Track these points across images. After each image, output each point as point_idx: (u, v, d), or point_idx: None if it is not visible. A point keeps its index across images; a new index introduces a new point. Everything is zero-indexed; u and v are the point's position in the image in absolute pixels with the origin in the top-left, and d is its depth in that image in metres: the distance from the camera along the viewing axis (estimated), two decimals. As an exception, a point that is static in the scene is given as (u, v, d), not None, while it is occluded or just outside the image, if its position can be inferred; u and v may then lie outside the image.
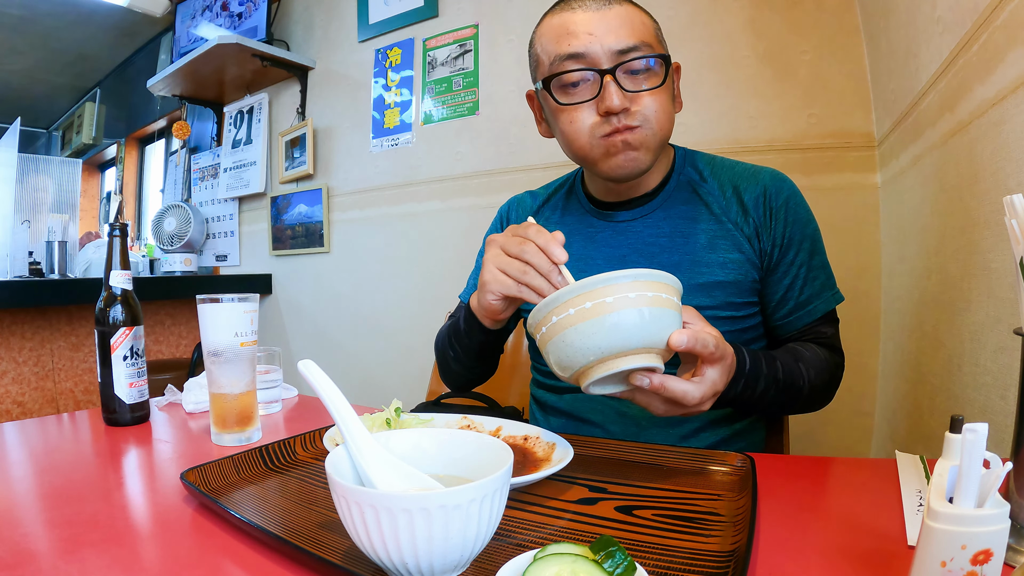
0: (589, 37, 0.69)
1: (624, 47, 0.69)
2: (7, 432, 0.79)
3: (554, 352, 0.53)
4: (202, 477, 0.56)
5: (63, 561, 0.42)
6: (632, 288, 0.50)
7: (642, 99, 0.70)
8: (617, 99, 0.68)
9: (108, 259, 0.81)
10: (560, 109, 0.73)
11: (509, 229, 0.62)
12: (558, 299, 0.51)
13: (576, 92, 0.71)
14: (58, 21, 2.96)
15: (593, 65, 0.69)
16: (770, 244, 0.75)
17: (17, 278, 2.23)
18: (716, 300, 0.75)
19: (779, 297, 0.76)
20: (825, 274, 0.77)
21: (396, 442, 0.47)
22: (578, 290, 0.50)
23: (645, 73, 0.70)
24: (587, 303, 0.50)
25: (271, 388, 0.91)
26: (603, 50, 0.69)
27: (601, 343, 0.50)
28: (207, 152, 2.73)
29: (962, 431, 0.32)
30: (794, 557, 0.42)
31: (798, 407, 0.74)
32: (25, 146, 3.76)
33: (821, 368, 0.73)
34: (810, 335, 0.77)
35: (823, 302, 0.76)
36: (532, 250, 0.58)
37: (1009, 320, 0.67)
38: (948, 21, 0.82)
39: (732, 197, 0.78)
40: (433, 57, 1.91)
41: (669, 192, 0.80)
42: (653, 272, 0.51)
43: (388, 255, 2.05)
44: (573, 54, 0.70)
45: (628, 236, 0.80)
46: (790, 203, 0.76)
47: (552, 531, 0.46)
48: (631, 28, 0.69)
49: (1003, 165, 0.68)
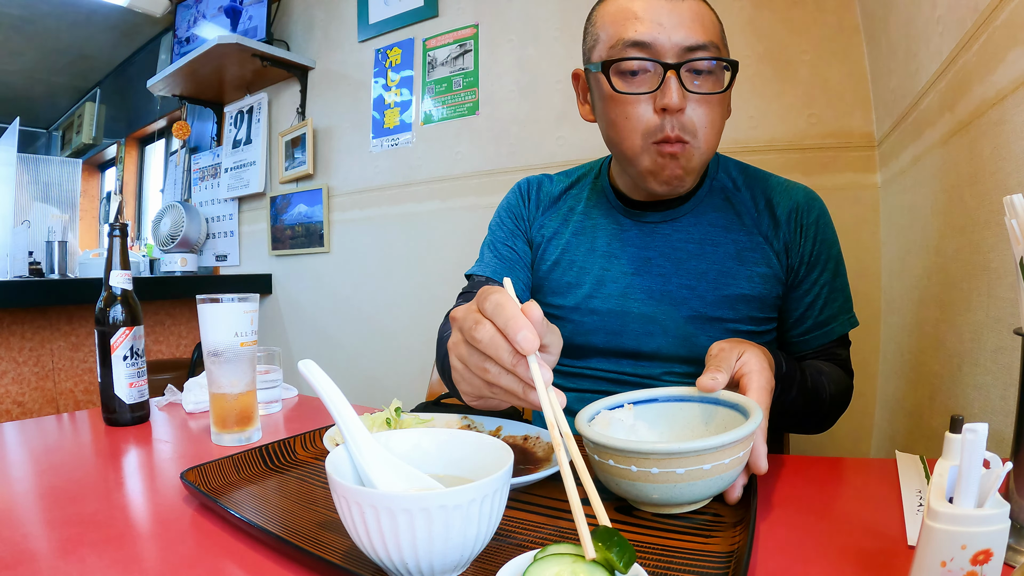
0: (658, 27, 0.65)
1: (693, 44, 0.65)
2: (7, 432, 0.79)
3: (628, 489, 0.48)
4: (202, 477, 0.56)
5: (63, 561, 0.42)
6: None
7: (700, 106, 0.67)
8: (676, 97, 0.64)
9: (108, 259, 0.81)
10: (614, 97, 0.68)
11: (474, 301, 0.46)
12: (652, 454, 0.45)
13: (634, 82, 0.67)
14: (58, 21, 2.96)
15: (658, 56, 0.65)
16: (798, 261, 0.75)
17: (17, 278, 2.23)
18: (739, 313, 0.74)
19: (799, 314, 0.76)
20: (844, 296, 0.77)
21: (396, 442, 0.47)
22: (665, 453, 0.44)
23: (708, 76, 0.67)
24: (679, 469, 0.45)
25: (271, 388, 0.91)
26: (670, 43, 0.65)
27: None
28: (207, 152, 2.73)
29: (962, 431, 0.32)
30: (794, 557, 0.42)
31: (814, 421, 0.73)
32: (25, 146, 3.76)
33: (839, 385, 0.73)
34: (824, 355, 0.77)
35: (840, 324, 0.76)
36: (489, 336, 0.42)
37: (1009, 320, 0.67)
38: (948, 21, 0.82)
39: (764, 210, 0.76)
40: (433, 57, 1.91)
41: (701, 198, 0.78)
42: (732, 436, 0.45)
43: (388, 255, 2.05)
44: (638, 42, 0.65)
45: (656, 239, 0.78)
46: (820, 222, 0.75)
47: (552, 531, 0.46)
48: (702, 25, 0.66)
49: (1003, 165, 0.68)
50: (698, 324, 0.75)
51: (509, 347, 0.41)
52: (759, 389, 0.53)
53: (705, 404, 0.55)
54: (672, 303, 0.76)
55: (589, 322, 0.79)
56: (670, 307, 0.75)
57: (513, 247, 0.86)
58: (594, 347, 0.80)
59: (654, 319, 0.76)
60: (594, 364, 0.81)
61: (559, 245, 0.84)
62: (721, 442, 0.44)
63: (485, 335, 0.42)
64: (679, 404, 0.57)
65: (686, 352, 0.75)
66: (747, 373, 0.54)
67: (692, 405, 0.56)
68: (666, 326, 0.76)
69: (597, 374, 0.80)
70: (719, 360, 0.55)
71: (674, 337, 0.76)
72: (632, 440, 0.49)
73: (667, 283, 0.76)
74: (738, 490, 0.49)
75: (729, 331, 0.74)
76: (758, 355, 0.56)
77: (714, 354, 0.56)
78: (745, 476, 0.50)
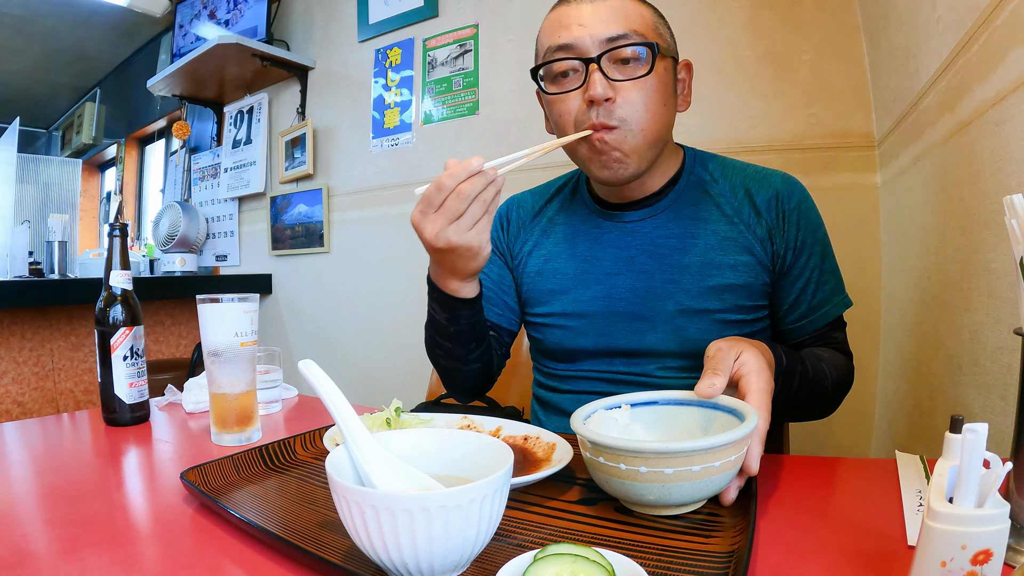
0: (579, 28, 0.69)
1: (612, 35, 0.68)
2: (7, 432, 0.79)
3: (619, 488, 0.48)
4: (202, 477, 0.56)
5: (63, 561, 0.42)
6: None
7: (629, 92, 0.68)
8: (600, 88, 0.67)
9: (108, 259, 0.81)
10: (550, 100, 0.73)
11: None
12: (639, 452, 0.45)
13: (565, 83, 0.71)
14: (58, 21, 2.96)
15: (580, 55, 0.69)
16: (783, 247, 0.75)
17: (17, 278, 2.24)
18: (726, 303, 0.74)
19: (792, 301, 0.76)
20: (835, 279, 0.77)
21: (396, 442, 0.47)
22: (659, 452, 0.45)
23: (635, 63, 0.69)
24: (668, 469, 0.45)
25: (271, 388, 0.91)
26: (592, 40, 0.68)
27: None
28: (207, 152, 2.73)
29: (962, 431, 0.32)
30: (794, 557, 0.42)
31: (819, 409, 0.74)
32: (25, 146, 3.76)
33: (840, 369, 0.73)
34: (822, 340, 0.77)
35: (834, 306, 0.76)
36: (448, 186, 0.58)
37: (1009, 320, 0.67)
38: (948, 21, 0.82)
39: (744, 199, 0.77)
40: (433, 57, 1.91)
41: (679, 192, 0.79)
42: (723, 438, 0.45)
43: (388, 255, 2.05)
44: (563, 45, 0.69)
45: (636, 237, 0.79)
46: (802, 206, 0.75)
47: (552, 531, 0.46)
48: (623, 17, 0.69)
49: (1003, 165, 0.68)
50: (686, 317, 0.75)
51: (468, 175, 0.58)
52: (758, 391, 0.53)
53: (704, 409, 0.55)
54: (657, 299, 0.76)
55: (577, 326, 0.80)
56: (656, 303, 0.76)
57: (488, 274, 0.88)
58: (585, 350, 0.80)
59: (641, 316, 0.77)
60: (587, 366, 0.81)
61: (540, 256, 0.85)
62: (710, 444, 0.44)
63: (447, 185, 0.58)
64: (679, 408, 0.57)
65: (677, 346, 0.76)
66: (746, 374, 0.54)
67: (691, 410, 0.56)
68: (654, 322, 0.76)
69: (591, 375, 0.81)
70: (716, 363, 0.55)
71: (663, 332, 0.76)
72: (621, 438, 0.49)
73: (651, 280, 0.77)
74: (732, 492, 0.49)
75: (718, 322, 0.74)
76: (756, 355, 0.56)
77: (711, 356, 0.56)
78: (741, 479, 0.50)
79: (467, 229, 0.60)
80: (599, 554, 0.34)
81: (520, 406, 1.14)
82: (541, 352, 0.87)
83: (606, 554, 0.35)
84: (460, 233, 0.60)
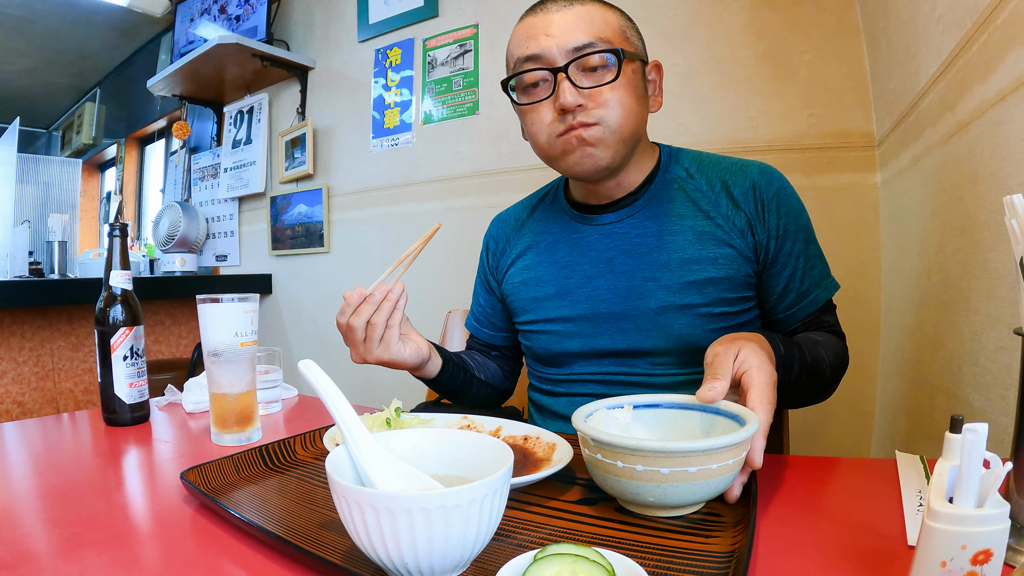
0: (546, 38, 0.70)
1: (578, 44, 0.69)
2: (7, 432, 0.79)
3: (618, 487, 0.48)
4: (202, 477, 0.56)
5: (63, 561, 0.42)
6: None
7: (600, 96, 0.70)
8: (571, 96, 0.68)
9: (108, 259, 0.81)
10: (522, 111, 0.75)
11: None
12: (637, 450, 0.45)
13: (535, 93, 0.73)
14: (58, 21, 2.96)
15: (548, 65, 0.70)
16: (765, 237, 0.75)
17: (17, 278, 2.23)
18: (708, 297, 0.74)
19: (780, 289, 0.76)
20: (821, 263, 0.77)
21: (396, 442, 0.47)
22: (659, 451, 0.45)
23: (603, 70, 0.70)
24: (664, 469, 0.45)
25: (271, 388, 0.91)
26: (559, 49, 0.69)
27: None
28: (207, 152, 2.73)
29: (962, 431, 0.32)
30: (794, 557, 0.42)
31: (818, 394, 0.74)
32: (25, 146, 3.77)
33: (836, 352, 0.73)
34: (814, 325, 0.77)
35: (823, 290, 0.76)
36: (342, 323, 0.72)
37: (1009, 320, 0.67)
38: (948, 21, 0.82)
39: (721, 191, 0.77)
40: (433, 57, 1.91)
41: (655, 191, 0.79)
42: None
43: (388, 255, 2.05)
44: (531, 56, 0.71)
45: (615, 238, 0.79)
46: (781, 195, 0.75)
47: (552, 531, 0.46)
48: (589, 25, 0.70)
49: (1003, 165, 0.68)
50: (669, 314, 0.75)
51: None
52: (760, 385, 0.53)
53: (706, 413, 0.55)
54: (640, 297, 0.76)
55: (563, 330, 0.81)
56: (638, 302, 0.76)
57: (478, 299, 0.96)
58: (573, 353, 0.81)
59: (625, 316, 0.77)
60: (578, 369, 0.82)
61: (523, 266, 0.87)
62: (707, 446, 0.44)
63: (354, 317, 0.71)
64: (681, 411, 0.57)
65: (665, 344, 0.76)
66: (747, 370, 0.54)
67: (694, 414, 0.56)
68: (639, 321, 0.77)
69: (583, 378, 0.81)
70: (715, 367, 0.55)
71: (649, 330, 0.76)
72: (619, 435, 0.49)
73: (631, 279, 0.77)
74: (737, 489, 0.49)
75: (702, 316, 0.74)
76: (755, 349, 0.56)
77: (710, 361, 0.56)
78: (745, 475, 0.50)
79: (375, 348, 0.71)
80: (599, 554, 0.34)
81: (520, 406, 1.14)
82: (533, 358, 0.89)
83: (606, 554, 0.35)
84: (371, 353, 0.71)
